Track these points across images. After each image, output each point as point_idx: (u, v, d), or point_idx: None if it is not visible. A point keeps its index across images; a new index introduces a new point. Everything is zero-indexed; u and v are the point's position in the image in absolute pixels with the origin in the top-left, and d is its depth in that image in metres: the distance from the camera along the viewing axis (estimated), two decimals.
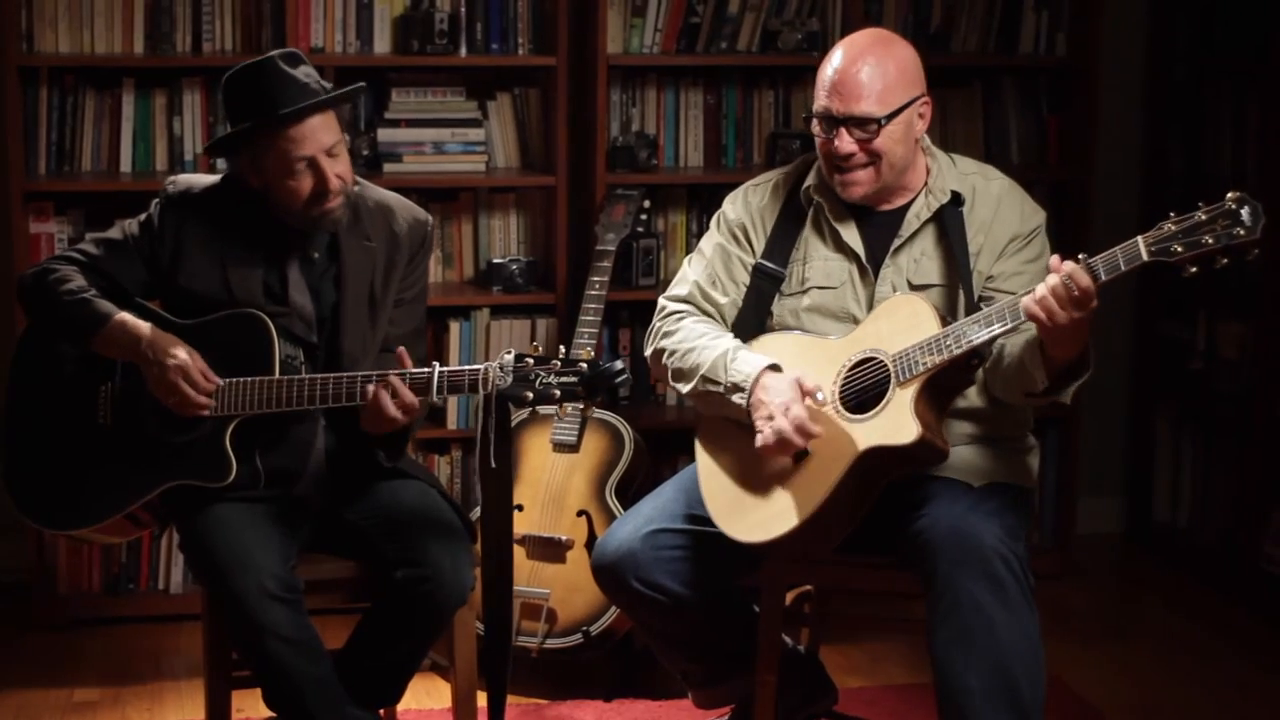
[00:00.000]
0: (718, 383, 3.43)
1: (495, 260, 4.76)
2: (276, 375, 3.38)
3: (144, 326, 3.38)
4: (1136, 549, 5.41)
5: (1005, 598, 3.22)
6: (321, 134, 3.38)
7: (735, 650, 3.62)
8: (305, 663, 3.35)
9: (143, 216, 3.51)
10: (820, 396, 3.33)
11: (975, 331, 3.25)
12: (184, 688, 4.30)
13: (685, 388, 3.51)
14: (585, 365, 3.26)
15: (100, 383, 3.47)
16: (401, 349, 3.39)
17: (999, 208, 3.50)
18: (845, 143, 3.41)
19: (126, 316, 3.39)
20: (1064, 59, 5.04)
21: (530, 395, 3.26)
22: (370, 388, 3.32)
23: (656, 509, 3.55)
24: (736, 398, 3.39)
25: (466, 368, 3.33)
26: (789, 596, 3.70)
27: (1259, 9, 4.90)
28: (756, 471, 3.42)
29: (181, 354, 3.35)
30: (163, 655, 4.52)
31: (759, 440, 3.33)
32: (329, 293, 3.50)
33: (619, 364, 3.27)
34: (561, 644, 4.20)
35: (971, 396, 3.47)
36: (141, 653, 4.53)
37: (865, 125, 3.40)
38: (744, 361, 3.41)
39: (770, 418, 3.32)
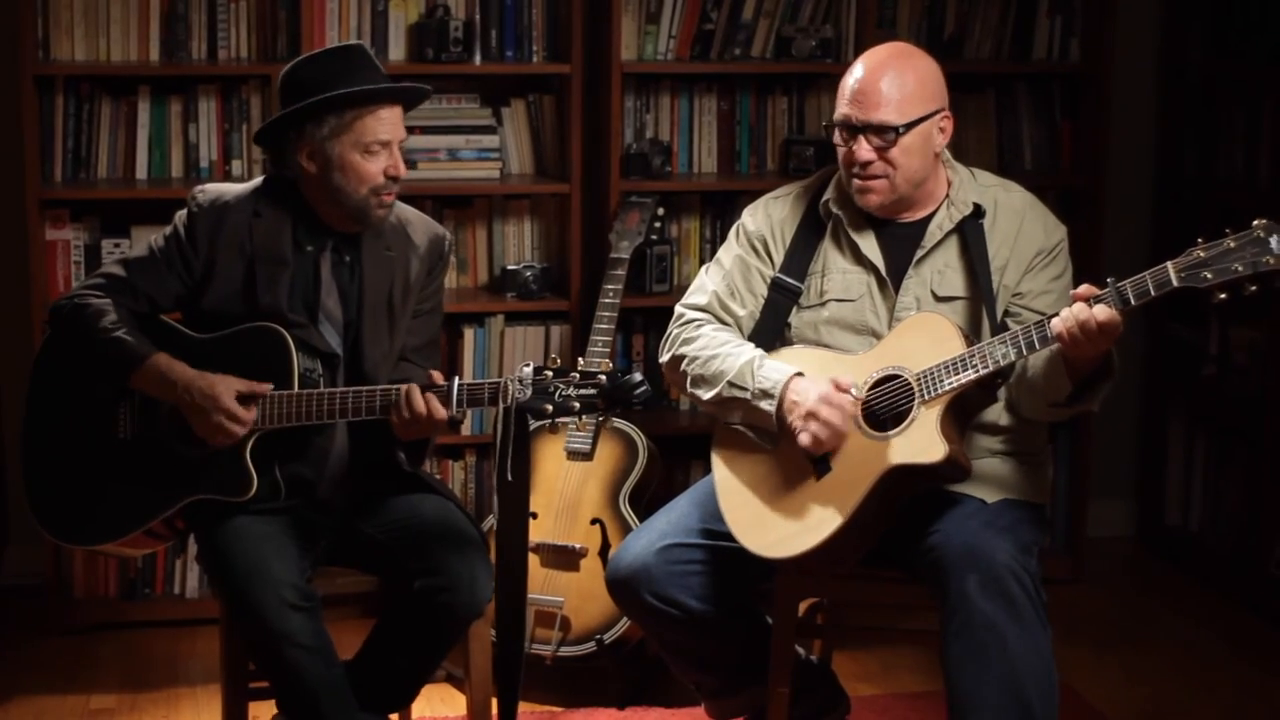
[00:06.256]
0: (744, 388, 3.44)
1: (509, 267, 4.77)
2: (295, 389, 3.40)
3: (177, 369, 3.39)
4: (1147, 553, 5.42)
5: (1018, 614, 3.24)
6: (399, 124, 3.47)
7: (749, 662, 3.64)
8: (321, 668, 3.37)
9: (169, 230, 3.53)
10: (854, 393, 3.36)
11: (1002, 351, 3.27)
12: (200, 694, 4.33)
13: (706, 394, 3.51)
14: (604, 377, 3.27)
15: (119, 398, 3.49)
16: (435, 372, 3.41)
17: (1023, 221, 3.53)
18: (863, 150, 3.44)
19: (161, 358, 3.40)
20: (1077, 65, 5.04)
21: (550, 408, 3.27)
22: (401, 400, 3.33)
23: (670, 523, 3.57)
24: (765, 404, 3.41)
25: (486, 381, 3.35)
26: (802, 607, 3.72)
27: (1271, 13, 4.90)
28: (777, 486, 3.44)
29: (222, 398, 3.36)
30: (179, 660, 4.55)
31: (803, 440, 3.34)
32: (353, 297, 3.53)
33: (637, 375, 3.28)
34: (575, 652, 4.21)
35: (995, 418, 3.49)
36: (158, 658, 4.56)
37: (883, 133, 3.42)
38: (772, 368, 3.44)
39: (809, 415, 3.33)
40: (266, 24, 4.67)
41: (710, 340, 3.55)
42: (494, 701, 3.63)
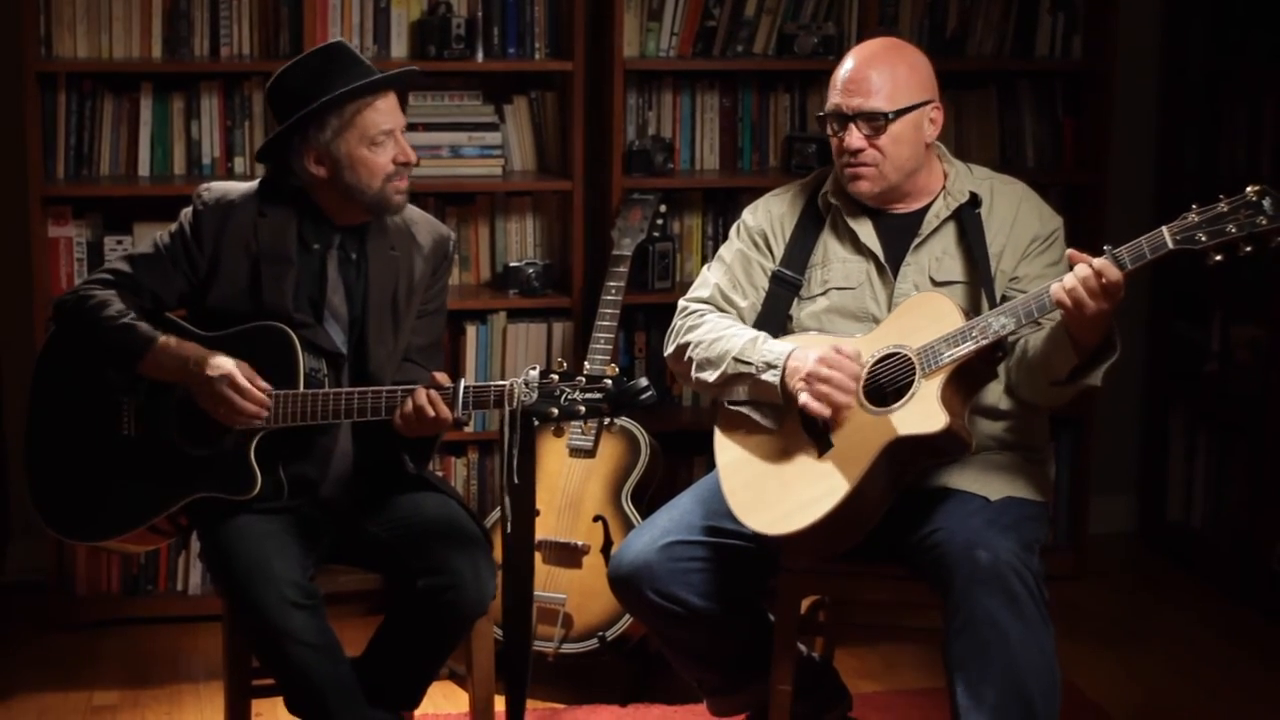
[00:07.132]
0: (749, 363, 3.46)
1: (512, 264, 4.78)
2: (301, 388, 3.40)
3: (187, 346, 3.39)
4: (1149, 549, 5.42)
5: (1020, 613, 3.25)
6: (397, 112, 3.47)
7: (751, 659, 3.65)
8: (327, 666, 3.37)
9: (174, 227, 3.52)
10: (850, 349, 3.38)
11: (1001, 322, 3.30)
12: (202, 690, 4.33)
13: (712, 375, 3.53)
14: (610, 382, 3.28)
15: (123, 395, 3.49)
16: (439, 373, 3.41)
17: (1019, 209, 3.57)
18: (854, 138, 3.50)
19: (170, 339, 3.40)
20: (1079, 62, 5.04)
21: (555, 412, 3.28)
22: (408, 401, 3.33)
23: (672, 520, 3.58)
24: (769, 375, 3.43)
25: (492, 383, 3.35)
26: (804, 604, 3.72)
27: (1273, 10, 4.90)
28: (780, 464, 3.45)
29: (227, 365, 3.35)
30: (181, 657, 4.55)
31: (803, 400, 3.36)
32: (359, 295, 3.53)
33: (643, 381, 3.29)
34: (577, 649, 4.22)
35: (995, 403, 3.51)
36: (160, 654, 4.56)
37: (872, 120, 3.49)
38: (775, 343, 3.48)
39: (809, 376, 3.35)
40: (269, 21, 4.67)
41: (714, 325, 3.59)
42: (497, 699, 3.64)
